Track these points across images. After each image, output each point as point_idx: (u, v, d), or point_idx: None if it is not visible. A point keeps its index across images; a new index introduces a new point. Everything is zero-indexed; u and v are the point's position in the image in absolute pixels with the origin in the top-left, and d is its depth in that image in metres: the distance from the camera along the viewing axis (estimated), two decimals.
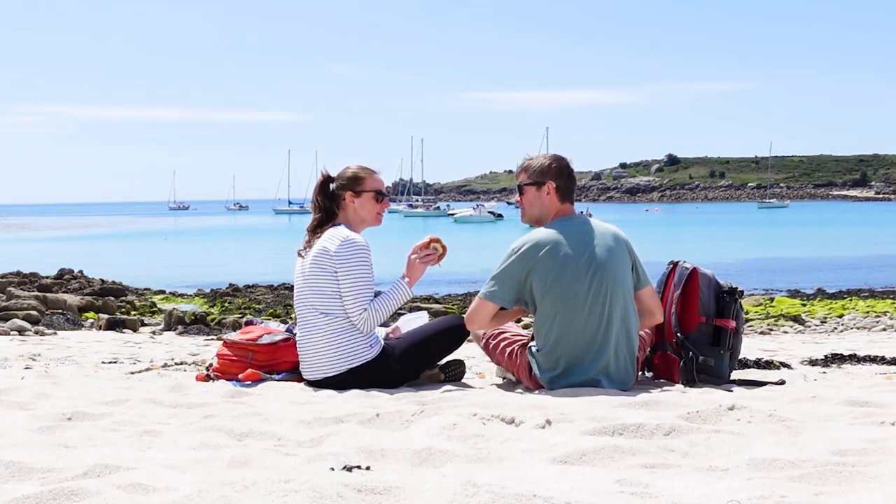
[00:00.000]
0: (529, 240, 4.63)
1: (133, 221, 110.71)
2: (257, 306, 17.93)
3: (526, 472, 2.70)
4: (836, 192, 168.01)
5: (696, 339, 4.85)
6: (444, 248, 5.10)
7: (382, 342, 5.00)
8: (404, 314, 5.55)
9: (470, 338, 5.20)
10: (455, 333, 5.12)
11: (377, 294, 4.99)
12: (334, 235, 4.95)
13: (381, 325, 5.25)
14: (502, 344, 4.97)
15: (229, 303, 18.63)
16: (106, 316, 12.98)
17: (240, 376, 5.09)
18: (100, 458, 2.95)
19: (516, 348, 4.88)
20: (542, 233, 4.66)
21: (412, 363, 5.02)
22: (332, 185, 5.11)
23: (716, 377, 4.83)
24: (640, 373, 4.90)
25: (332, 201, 5.09)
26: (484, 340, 5.08)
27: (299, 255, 5.10)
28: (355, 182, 5.07)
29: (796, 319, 13.70)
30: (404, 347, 4.99)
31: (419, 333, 5.08)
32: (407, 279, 5.02)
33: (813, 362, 6.62)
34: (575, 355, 4.58)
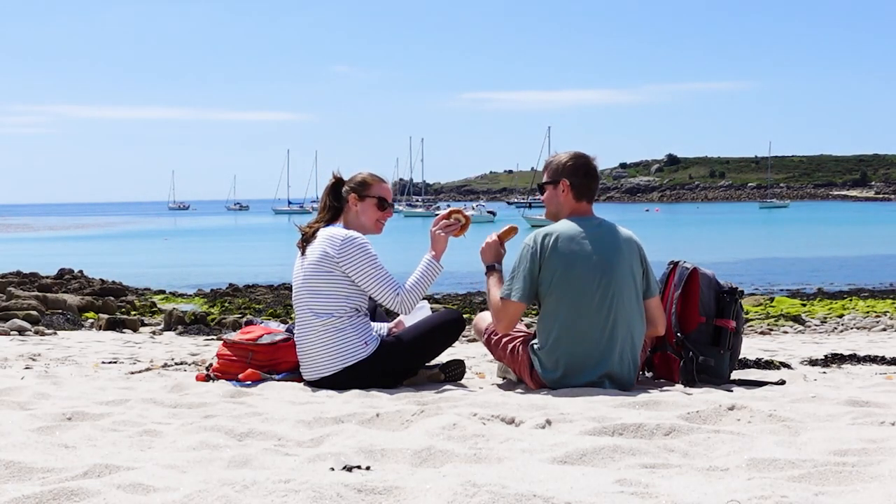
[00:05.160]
0: (540, 233, 4.63)
1: (133, 221, 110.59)
2: (257, 306, 17.91)
3: (526, 472, 2.69)
4: (836, 192, 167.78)
5: (697, 339, 4.85)
6: (466, 218, 5.10)
7: (379, 339, 5.00)
8: None
9: (472, 336, 5.19)
10: (451, 328, 5.13)
11: None
12: (331, 236, 4.95)
13: (382, 322, 5.26)
14: (504, 339, 4.96)
15: (229, 303, 18.60)
16: (106, 316, 12.96)
17: (240, 376, 5.09)
18: (100, 458, 2.95)
19: (518, 344, 4.86)
20: (554, 227, 4.66)
21: (409, 360, 5.02)
22: (343, 189, 5.14)
23: (716, 377, 4.83)
24: (640, 373, 4.89)
25: (340, 203, 5.13)
26: (486, 335, 5.06)
27: (299, 247, 5.09)
28: (362, 186, 5.11)
29: (796, 319, 13.68)
30: (401, 344, 4.99)
31: (416, 330, 5.08)
32: (433, 253, 5.03)
33: (813, 362, 6.62)
34: (576, 356, 4.57)
